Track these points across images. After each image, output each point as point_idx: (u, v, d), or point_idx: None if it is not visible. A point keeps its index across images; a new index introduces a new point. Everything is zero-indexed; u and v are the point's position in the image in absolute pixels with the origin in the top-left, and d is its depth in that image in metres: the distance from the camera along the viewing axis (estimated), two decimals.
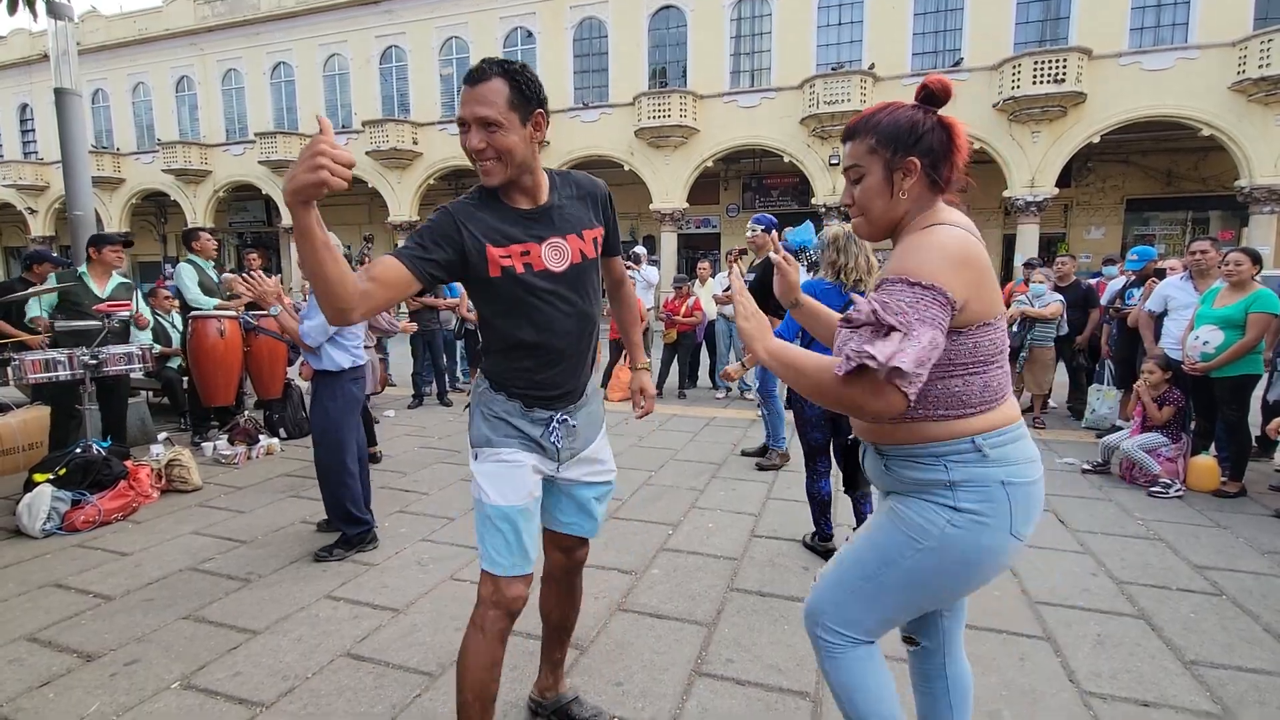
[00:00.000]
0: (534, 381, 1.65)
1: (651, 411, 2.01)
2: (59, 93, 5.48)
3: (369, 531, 3.35)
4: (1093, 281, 7.03)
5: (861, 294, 3.08)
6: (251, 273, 3.36)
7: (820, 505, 3.27)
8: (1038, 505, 1.28)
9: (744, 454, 4.98)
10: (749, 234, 5.05)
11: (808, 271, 4.27)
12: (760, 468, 4.66)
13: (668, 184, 18.32)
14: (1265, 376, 4.30)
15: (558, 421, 1.68)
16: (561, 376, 1.67)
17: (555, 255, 1.60)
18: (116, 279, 4.67)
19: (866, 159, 1.30)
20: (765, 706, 2.08)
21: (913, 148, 1.26)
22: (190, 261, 5.47)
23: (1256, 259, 4.18)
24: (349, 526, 3.28)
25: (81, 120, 5.69)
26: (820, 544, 3.28)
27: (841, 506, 3.59)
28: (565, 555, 1.89)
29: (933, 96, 1.29)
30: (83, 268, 4.59)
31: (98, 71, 24.43)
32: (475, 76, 1.48)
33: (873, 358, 1.08)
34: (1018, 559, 3.15)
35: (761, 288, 4.37)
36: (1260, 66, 13.34)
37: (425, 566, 3.12)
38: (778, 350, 1.29)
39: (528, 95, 1.51)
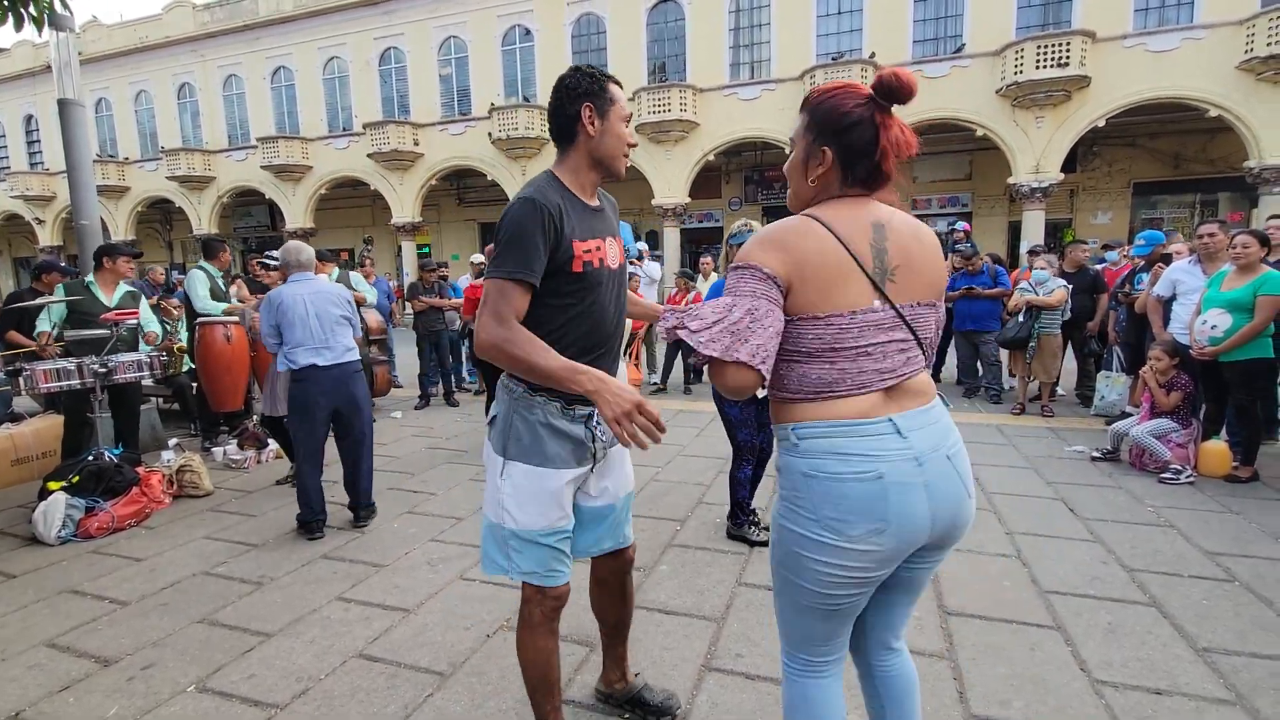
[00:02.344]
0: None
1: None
2: (62, 103, 5.51)
3: (310, 525, 3.58)
4: (1099, 267, 6.98)
5: None
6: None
7: (738, 487, 3.36)
8: (860, 505, 1.18)
9: None
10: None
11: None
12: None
13: (669, 179, 18.27)
14: None
15: (600, 418, 1.62)
16: (603, 370, 1.64)
17: (613, 253, 1.66)
18: (124, 288, 4.72)
19: (799, 135, 1.32)
20: (775, 700, 2.09)
21: (830, 138, 1.25)
22: (202, 268, 5.52)
23: (1265, 241, 4.13)
24: (302, 510, 3.62)
25: (85, 130, 5.72)
26: (735, 530, 3.38)
27: None
28: (614, 559, 1.89)
29: (889, 91, 1.21)
30: (90, 277, 4.63)
31: (100, 81, 24.55)
32: None
33: (691, 335, 1.19)
34: (1029, 552, 3.14)
35: None
36: (1269, 44, 13.14)
37: (435, 567, 3.14)
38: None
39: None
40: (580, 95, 1.57)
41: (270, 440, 5.20)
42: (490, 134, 19.19)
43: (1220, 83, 13.93)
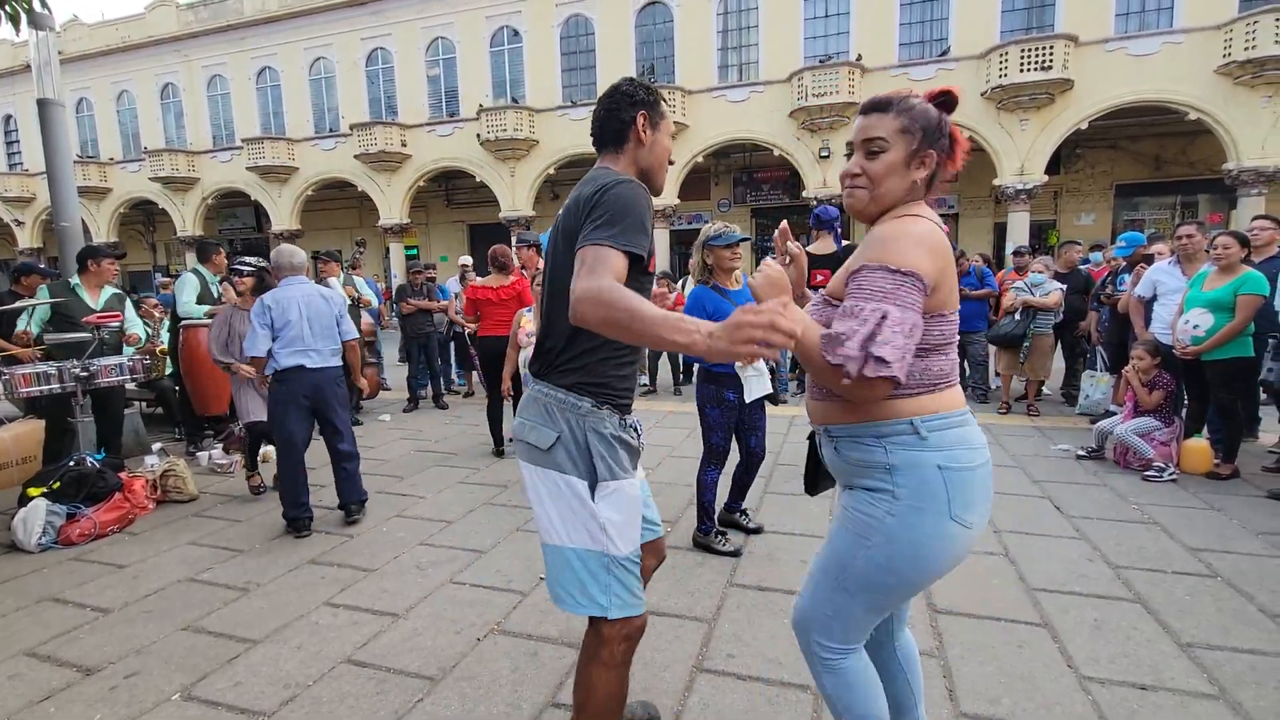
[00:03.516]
0: (625, 388, 1.60)
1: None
2: (42, 103, 5.43)
3: (296, 522, 3.62)
4: (1084, 267, 7.07)
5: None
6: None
7: (704, 489, 3.26)
8: (982, 491, 1.28)
9: None
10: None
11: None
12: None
13: None
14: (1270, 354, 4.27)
15: (636, 422, 1.63)
16: (633, 380, 1.65)
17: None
18: (109, 290, 4.65)
19: (895, 137, 1.31)
20: (767, 701, 2.09)
21: (934, 143, 1.31)
22: (196, 272, 5.46)
23: (1244, 242, 4.20)
24: (286, 509, 3.65)
25: (65, 130, 5.64)
26: (702, 539, 3.28)
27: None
28: (655, 554, 1.85)
29: (949, 103, 1.33)
30: (75, 279, 4.56)
31: (81, 80, 24.21)
32: None
33: (852, 358, 1.15)
34: (1017, 550, 3.17)
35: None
36: (1246, 49, 13.38)
37: (424, 570, 3.12)
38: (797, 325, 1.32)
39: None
40: (637, 103, 1.60)
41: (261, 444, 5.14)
42: (479, 135, 19.12)
43: (1199, 86, 14.17)
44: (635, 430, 1.62)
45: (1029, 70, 14.70)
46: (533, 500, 1.57)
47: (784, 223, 1.70)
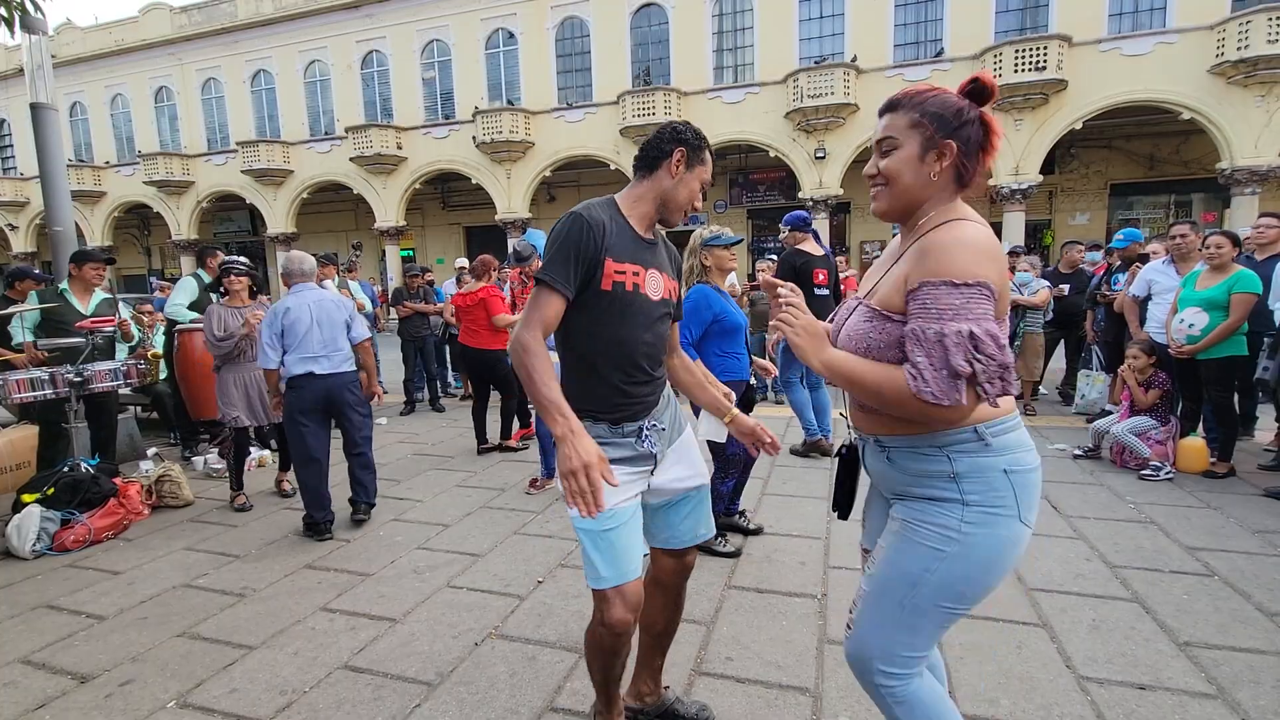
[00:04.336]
0: (616, 404, 1.66)
1: (776, 447, 1.86)
2: (35, 107, 5.40)
3: (317, 525, 3.58)
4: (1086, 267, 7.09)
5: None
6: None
7: (716, 500, 3.23)
8: (1038, 492, 1.28)
9: (792, 452, 4.97)
10: (781, 236, 5.15)
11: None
12: (794, 452, 4.92)
13: None
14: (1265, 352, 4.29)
15: (647, 429, 1.71)
16: (644, 391, 1.71)
17: (655, 285, 1.69)
18: (99, 295, 4.62)
19: (905, 133, 1.28)
20: (766, 704, 2.09)
21: (954, 132, 1.25)
22: (196, 276, 5.44)
23: (1236, 241, 4.21)
24: (309, 513, 3.63)
25: (59, 134, 5.61)
26: (718, 546, 3.20)
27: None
28: (678, 561, 1.86)
29: (980, 91, 1.27)
30: (64, 284, 4.53)
31: (74, 84, 24.14)
32: None
33: (962, 390, 1.15)
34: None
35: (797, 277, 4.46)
36: (1239, 49, 13.45)
37: (422, 574, 3.11)
38: (835, 362, 1.30)
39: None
40: (681, 140, 1.68)
41: (252, 449, 5.13)
42: (474, 137, 19.12)
43: (1192, 86, 14.24)
44: (637, 439, 1.68)
45: (1023, 71, 14.75)
46: None
47: (763, 276, 1.82)
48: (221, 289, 4.36)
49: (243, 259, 4.54)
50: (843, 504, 1.54)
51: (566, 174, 20.10)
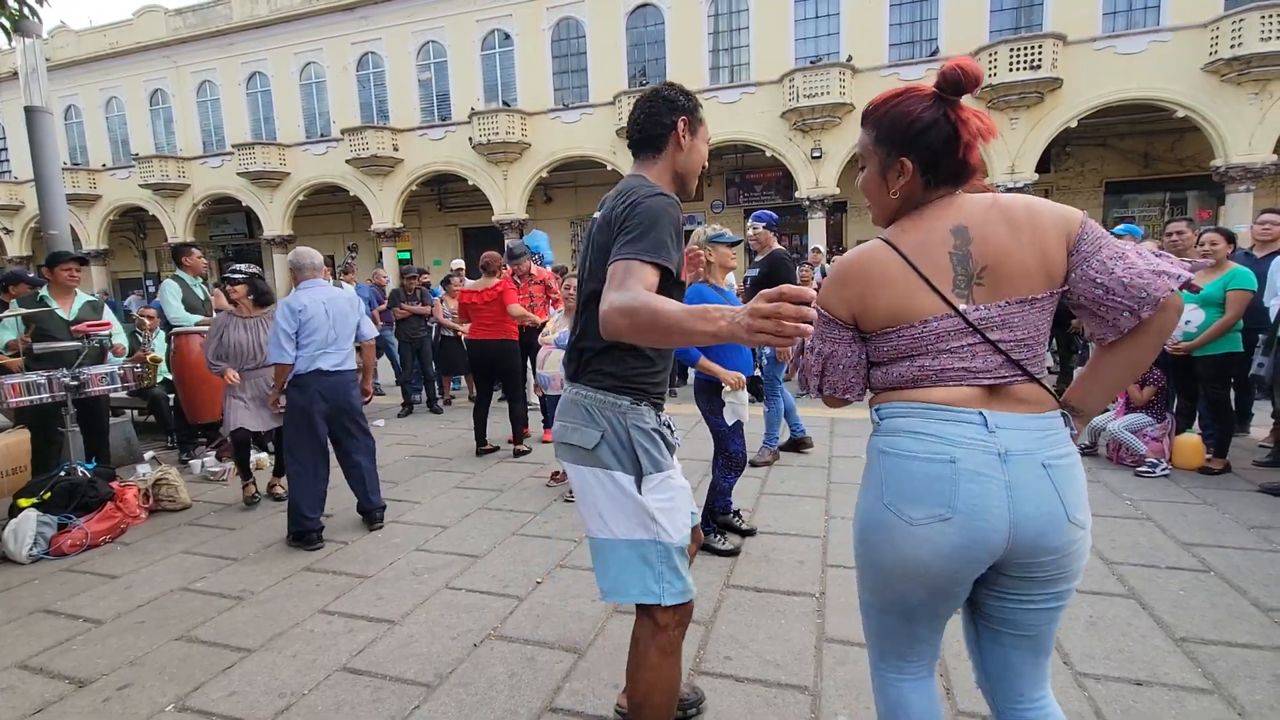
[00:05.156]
0: (658, 385, 1.65)
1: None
2: (29, 111, 5.39)
3: (307, 534, 3.51)
4: None
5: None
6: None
7: (719, 495, 3.30)
8: (927, 487, 1.15)
9: (753, 464, 4.65)
10: (750, 231, 5.09)
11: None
12: (753, 464, 4.63)
13: None
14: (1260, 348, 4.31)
15: (671, 420, 1.68)
16: (665, 375, 1.69)
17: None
18: (82, 298, 4.54)
19: (868, 152, 1.29)
20: (765, 702, 2.09)
21: (908, 147, 1.22)
22: (177, 278, 5.41)
23: (1231, 238, 4.23)
24: (297, 522, 3.54)
25: (53, 138, 5.60)
26: (703, 538, 3.19)
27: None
28: (694, 539, 1.83)
29: (956, 84, 1.19)
30: (44, 290, 4.49)
31: (69, 87, 24.06)
32: None
33: (810, 388, 1.39)
34: None
35: (766, 283, 4.41)
36: (1232, 46, 13.49)
37: (420, 576, 3.11)
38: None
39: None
40: (679, 109, 1.62)
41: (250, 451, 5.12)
42: (471, 139, 19.10)
43: (1187, 84, 14.28)
44: (670, 428, 1.65)
45: (1018, 69, 14.79)
46: (580, 498, 1.62)
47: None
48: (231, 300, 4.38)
49: (241, 266, 4.53)
50: None
51: (563, 175, 20.09)
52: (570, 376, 1.65)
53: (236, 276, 4.41)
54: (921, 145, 1.21)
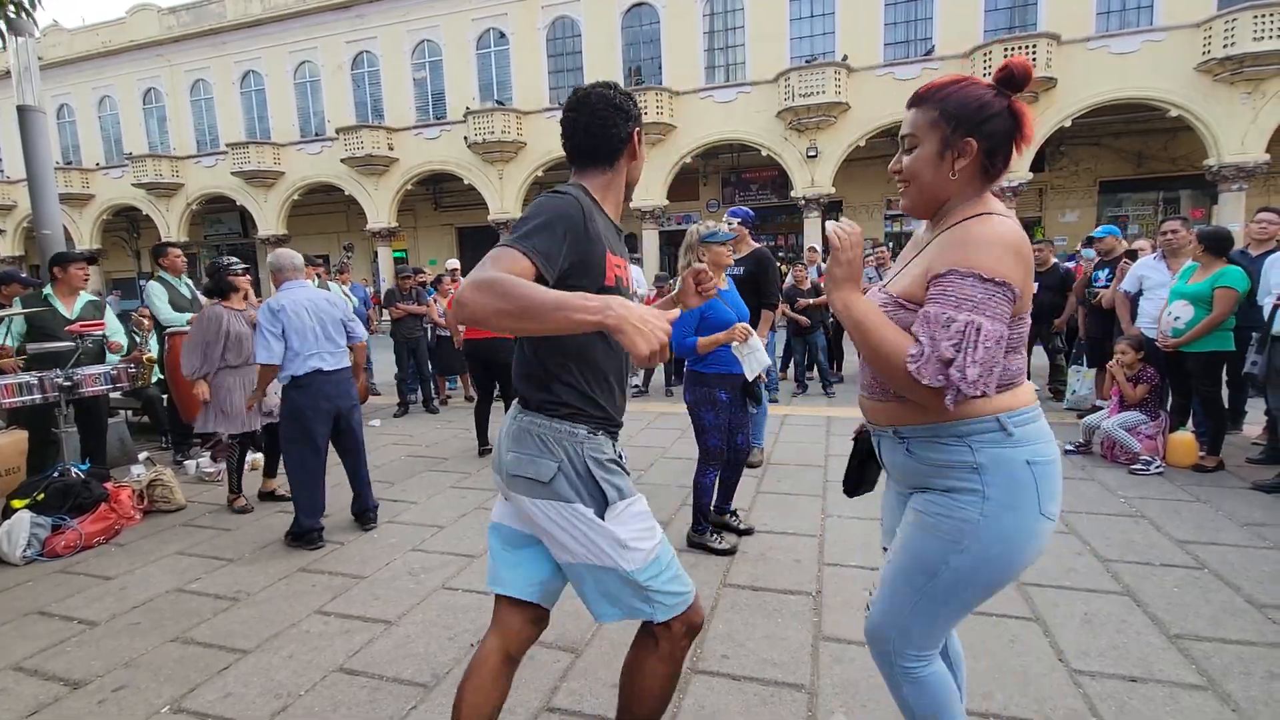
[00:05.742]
0: (610, 410, 1.53)
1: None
2: (22, 110, 5.36)
3: (308, 534, 3.52)
4: (1070, 265, 7.15)
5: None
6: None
7: (701, 493, 3.28)
8: (1059, 484, 1.26)
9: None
10: (731, 226, 4.93)
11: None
12: (750, 465, 4.60)
13: (647, 181, 18.30)
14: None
15: (622, 451, 1.59)
16: (620, 400, 1.58)
17: (633, 277, 1.61)
18: (85, 297, 4.56)
19: (925, 130, 1.26)
20: (761, 701, 2.09)
21: (975, 129, 1.22)
22: (160, 279, 5.38)
23: (1216, 237, 4.22)
24: (300, 521, 3.55)
25: (46, 137, 5.57)
26: (696, 538, 3.28)
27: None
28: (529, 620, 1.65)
29: (1011, 79, 1.22)
30: (48, 289, 4.48)
31: (62, 86, 23.93)
32: None
33: (949, 377, 1.14)
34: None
35: (751, 282, 4.36)
36: (1225, 46, 13.57)
37: (417, 576, 3.10)
38: (853, 303, 1.25)
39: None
40: (633, 118, 1.53)
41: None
42: (466, 138, 19.07)
43: (1180, 83, 14.35)
44: (623, 457, 1.59)
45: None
46: (542, 532, 1.49)
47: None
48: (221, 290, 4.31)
49: (223, 259, 4.52)
50: (849, 485, 1.59)
51: (559, 174, 20.05)
52: (521, 403, 1.53)
53: (240, 267, 4.40)
54: (988, 130, 1.22)
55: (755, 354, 3.11)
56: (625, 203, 1.63)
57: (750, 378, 3.17)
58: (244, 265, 4.52)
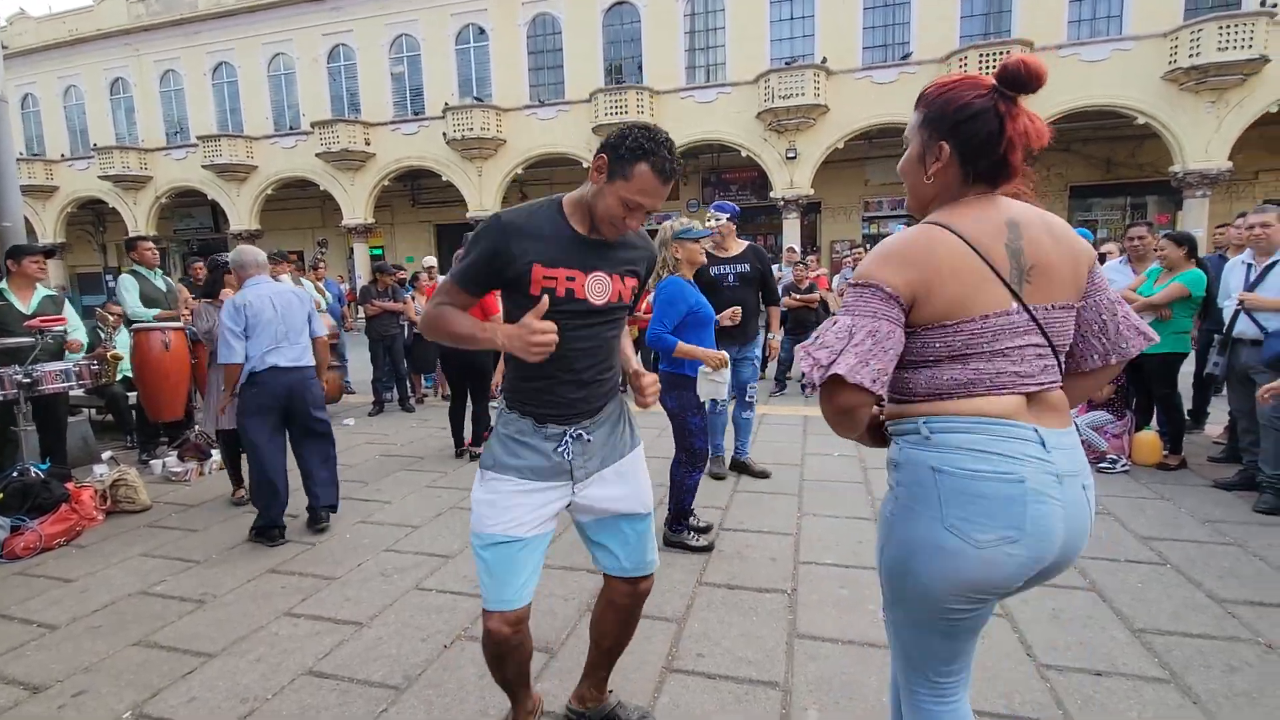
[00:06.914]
0: (545, 400, 1.65)
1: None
2: None
3: (269, 530, 3.51)
4: None
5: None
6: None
7: (685, 494, 3.29)
8: (995, 507, 1.11)
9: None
10: (713, 223, 4.85)
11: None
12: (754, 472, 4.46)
13: None
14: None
15: (571, 436, 1.65)
16: (573, 396, 1.65)
17: (599, 289, 1.61)
18: (42, 291, 4.40)
19: (914, 132, 1.26)
20: (736, 699, 2.10)
21: (949, 132, 1.19)
22: (133, 271, 5.24)
23: (1184, 241, 4.33)
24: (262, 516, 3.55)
25: (8, 127, 5.39)
26: (674, 537, 3.28)
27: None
28: (632, 585, 1.83)
29: (1016, 80, 1.15)
30: (3, 283, 4.33)
31: (26, 75, 23.21)
32: None
33: (816, 366, 1.14)
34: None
35: (758, 278, 4.38)
36: (1191, 56, 13.95)
37: (389, 577, 3.06)
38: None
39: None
40: (609, 146, 1.50)
41: (213, 451, 4.99)
42: (445, 134, 18.88)
43: (1147, 91, 14.73)
44: (560, 441, 1.64)
45: (986, 74, 15.11)
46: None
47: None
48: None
49: (229, 256, 4.43)
50: None
51: (539, 171, 19.98)
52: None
53: (224, 259, 4.31)
54: (963, 133, 1.17)
55: (720, 385, 3.16)
56: (595, 231, 1.59)
57: (702, 399, 3.18)
58: (227, 259, 4.42)
